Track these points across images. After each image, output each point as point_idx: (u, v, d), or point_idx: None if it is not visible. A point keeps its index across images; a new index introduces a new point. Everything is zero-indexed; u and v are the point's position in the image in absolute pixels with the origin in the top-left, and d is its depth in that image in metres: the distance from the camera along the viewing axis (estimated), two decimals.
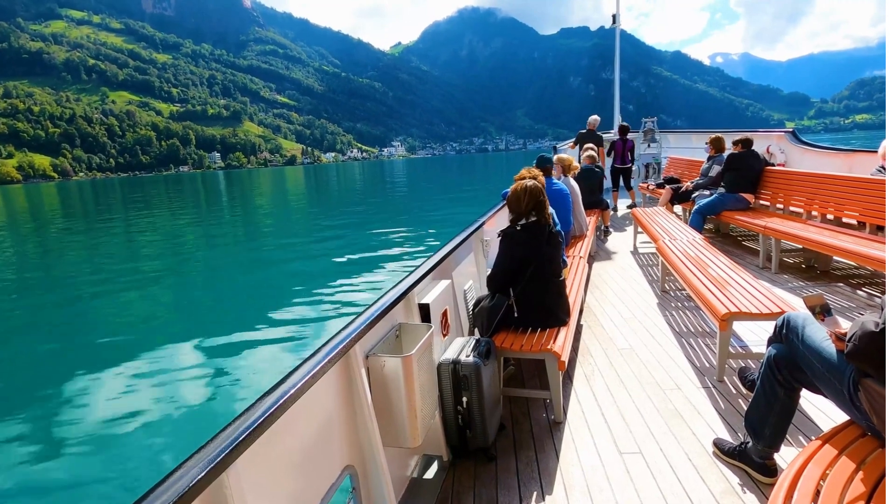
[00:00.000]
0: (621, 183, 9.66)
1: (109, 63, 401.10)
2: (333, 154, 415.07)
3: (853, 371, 1.49)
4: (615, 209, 9.67)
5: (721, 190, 6.31)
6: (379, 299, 2.03)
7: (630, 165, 9.54)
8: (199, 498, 0.97)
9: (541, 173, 3.04)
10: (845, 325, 1.59)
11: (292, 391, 1.29)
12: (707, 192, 6.52)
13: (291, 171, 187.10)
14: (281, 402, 1.24)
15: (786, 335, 1.84)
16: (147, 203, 41.49)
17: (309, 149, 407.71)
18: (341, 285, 10.26)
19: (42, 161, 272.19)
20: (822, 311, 1.59)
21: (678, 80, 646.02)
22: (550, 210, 2.97)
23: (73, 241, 20.94)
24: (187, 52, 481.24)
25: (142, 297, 10.69)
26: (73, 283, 12.50)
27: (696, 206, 6.33)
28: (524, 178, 2.91)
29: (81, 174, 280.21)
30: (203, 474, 0.97)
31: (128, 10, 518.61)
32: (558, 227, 2.97)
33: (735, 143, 6.23)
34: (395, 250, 13.79)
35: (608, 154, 9.81)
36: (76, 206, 43.84)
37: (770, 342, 1.98)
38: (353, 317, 1.84)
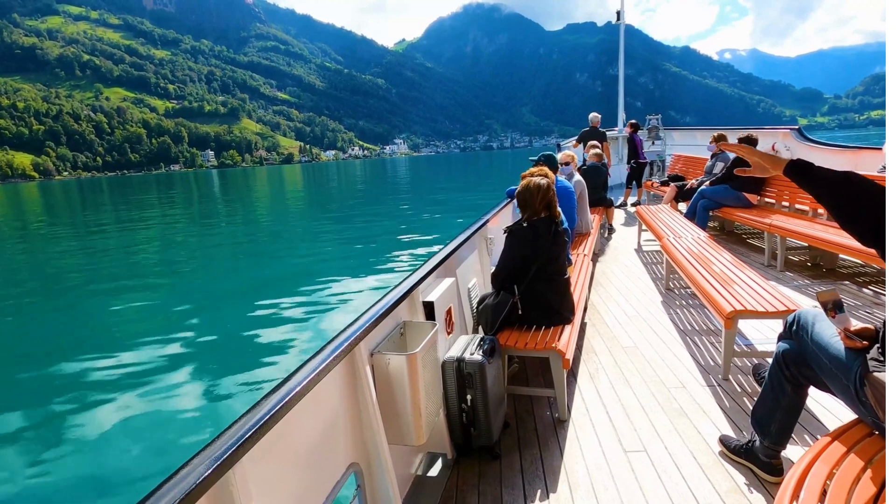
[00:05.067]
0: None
1: (105, 59, 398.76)
2: (334, 152, 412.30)
3: (860, 366, 1.49)
4: (624, 205, 9.63)
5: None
6: (383, 297, 2.03)
7: (645, 161, 9.54)
8: (205, 495, 0.97)
9: (550, 171, 3.03)
10: (855, 323, 1.58)
11: (297, 389, 1.29)
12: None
13: (289, 169, 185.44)
14: (286, 399, 1.24)
15: (796, 332, 1.84)
16: (140, 202, 41.08)
17: (307, 146, 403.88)
18: (345, 283, 10.27)
19: (23, 160, 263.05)
20: (833, 308, 1.58)
21: (687, 75, 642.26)
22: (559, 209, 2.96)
23: (64, 241, 20.83)
24: (186, 49, 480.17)
25: (144, 296, 10.70)
26: (71, 283, 12.55)
27: (698, 192, 6.44)
28: (534, 176, 2.89)
29: (66, 173, 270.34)
30: (209, 472, 0.97)
31: (128, 5, 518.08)
32: (565, 225, 2.96)
33: (739, 142, 6.21)
34: (399, 248, 13.79)
35: (629, 155, 9.70)
36: (58, 208, 42.49)
37: (780, 338, 1.98)
38: (358, 315, 1.83)
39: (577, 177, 5.56)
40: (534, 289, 2.81)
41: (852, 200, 1.37)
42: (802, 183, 1.51)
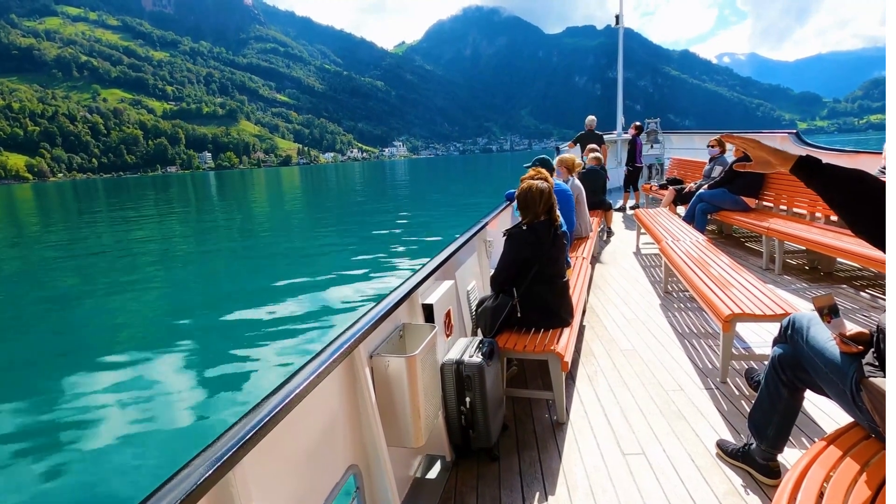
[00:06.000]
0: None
1: (102, 60, 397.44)
2: (332, 154, 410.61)
3: (856, 371, 1.49)
4: (623, 209, 9.65)
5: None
6: (383, 300, 2.03)
7: (640, 165, 9.57)
8: (206, 496, 0.98)
9: (549, 174, 3.04)
10: (851, 327, 1.59)
11: (297, 391, 1.30)
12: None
13: (287, 171, 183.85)
14: (286, 401, 1.25)
15: (791, 336, 1.85)
16: (136, 205, 40.56)
17: (305, 148, 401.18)
18: (345, 286, 10.26)
19: (17, 161, 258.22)
20: (829, 313, 1.59)
21: (686, 79, 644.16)
22: (557, 212, 2.97)
23: (60, 243, 20.67)
24: (185, 50, 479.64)
25: (142, 298, 10.68)
26: (69, 285, 12.52)
27: (697, 195, 6.46)
28: (534, 179, 2.91)
29: (60, 175, 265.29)
30: (210, 473, 0.97)
31: (126, 7, 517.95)
32: (564, 228, 2.98)
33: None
34: (399, 251, 13.79)
35: (628, 157, 9.70)
36: (52, 210, 41.18)
37: (775, 342, 1.98)
38: (358, 317, 1.84)
39: (575, 181, 5.56)
40: (533, 291, 2.82)
41: (866, 201, 1.30)
42: (812, 182, 1.42)
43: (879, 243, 1.29)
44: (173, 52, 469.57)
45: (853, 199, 1.33)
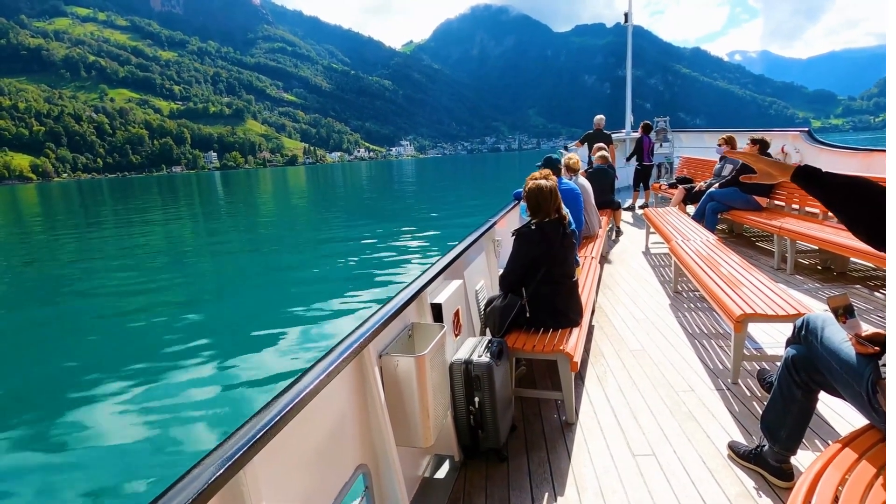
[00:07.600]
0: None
1: (110, 60, 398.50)
2: (339, 154, 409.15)
3: (871, 372, 1.47)
4: (632, 208, 9.59)
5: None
6: (392, 299, 2.03)
7: (650, 164, 9.52)
8: (216, 495, 0.98)
9: (551, 173, 3.03)
10: (866, 328, 1.56)
11: (307, 390, 1.30)
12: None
13: (293, 171, 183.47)
14: (296, 401, 1.25)
15: (805, 336, 1.83)
16: (142, 205, 40.73)
17: (311, 148, 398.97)
18: (354, 285, 10.28)
19: (21, 161, 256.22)
20: (844, 313, 1.56)
21: (698, 77, 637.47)
22: (565, 210, 2.96)
23: (65, 244, 20.84)
24: (193, 50, 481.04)
25: (154, 298, 10.77)
26: (77, 285, 12.64)
27: (707, 194, 6.40)
28: (538, 179, 2.90)
29: (65, 175, 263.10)
30: (221, 472, 0.98)
31: (135, 7, 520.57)
32: (572, 227, 2.96)
33: (753, 143, 6.14)
34: (407, 250, 13.80)
35: (633, 153, 9.65)
36: (56, 211, 41.10)
37: (788, 343, 1.96)
38: (367, 317, 1.84)
39: (582, 180, 5.54)
40: (542, 291, 2.81)
41: (862, 205, 1.35)
42: (811, 189, 1.48)
43: (877, 244, 1.34)
44: (181, 51, 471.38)
45: (851, 203, 1.40)
